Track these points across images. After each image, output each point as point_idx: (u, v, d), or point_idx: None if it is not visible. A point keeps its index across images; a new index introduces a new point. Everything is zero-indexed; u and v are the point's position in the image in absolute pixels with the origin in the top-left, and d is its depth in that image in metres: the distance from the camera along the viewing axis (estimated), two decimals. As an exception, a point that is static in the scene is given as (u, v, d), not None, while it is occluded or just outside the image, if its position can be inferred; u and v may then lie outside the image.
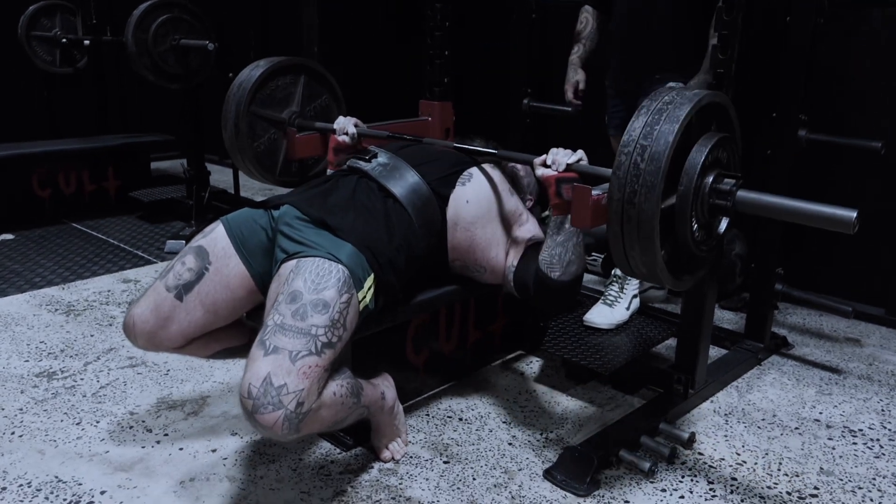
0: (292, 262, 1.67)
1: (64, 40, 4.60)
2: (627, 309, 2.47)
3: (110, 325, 2.71)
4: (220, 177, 4.78)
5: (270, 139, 2.50)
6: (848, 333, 2.80)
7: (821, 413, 2.19)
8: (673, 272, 1.53)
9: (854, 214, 1.35)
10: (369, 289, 1.71)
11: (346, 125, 2.26)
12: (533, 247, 1.96)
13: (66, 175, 4.12)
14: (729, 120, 1.60)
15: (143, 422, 2.07)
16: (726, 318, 2.89)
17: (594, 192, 1.62)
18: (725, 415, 2.16)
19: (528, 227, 2.04)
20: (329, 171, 2.27)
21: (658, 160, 1.38)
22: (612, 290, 2.50)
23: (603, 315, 2.43)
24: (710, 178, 1.49)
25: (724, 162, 1.55)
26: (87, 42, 4.51)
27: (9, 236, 3.79)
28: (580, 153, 1.80)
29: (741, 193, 1.48)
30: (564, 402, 2.22)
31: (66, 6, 4.67)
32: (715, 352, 2.52)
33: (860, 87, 2.82)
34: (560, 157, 1.78)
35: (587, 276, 3.25)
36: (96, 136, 4.58)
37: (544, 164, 1.80)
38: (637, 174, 1.40)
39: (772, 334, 2.60)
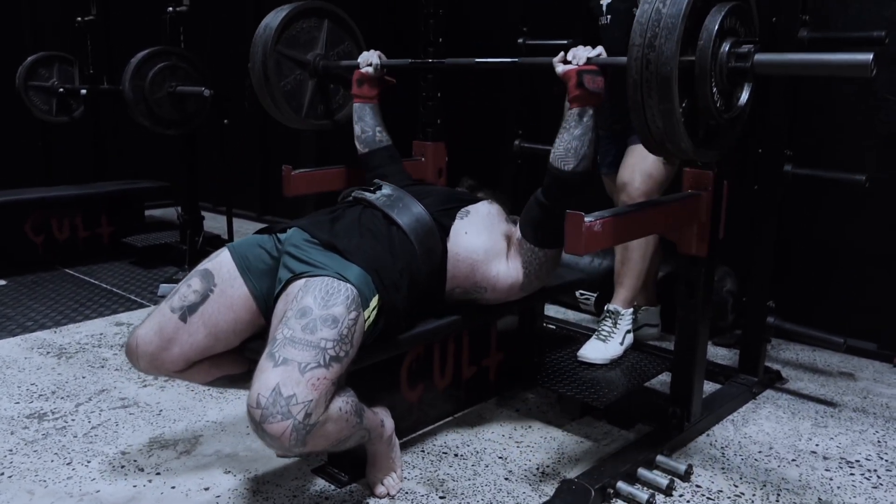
0: (301, 282, 1.69)
1: (61, 90, 4.67)
2: (621, 344, 2.47)
3: (102, 366, 2.69)
4: (213, 223, 4.80)
5: (296, 79, 2.55)
6: (841, 368, 2.80)
7: (817, 445, 2.18)
8: (691, 134, 1.53)
9: (870, 57, 1.37)
10: (374, 309, 1.73)
11: (369, 57, 2.38)
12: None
13: (59, 221, 4.13)
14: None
15: (135, 461, 2.05)
16: (720, 355, 2.89)
17: (587, 219, 1.64)
18: (722, 447, 2.15)
19: None
20: (355, 104, 2.41)
21: (679, 4, 1.43)
22: (605, 325, 2.51)
23: (597, 350, 2.43)
24: (729, 44, 1.52)
25: (742, 34, 1.57)
26: (83, 91, 4.58)
27: (1, 282, 3.78)
28: (599, 48, 1.86)
29: (759, 56, 1.51)
30: (560, 438, 2.20)
31: (64, 57, 4.76)
32: (710, 387, 2.52)
33: (845, 122, 2.89)
34: (580, 52, 1.85)
35: (580, 316, 3.29)
36: (90, 182, 4.60)
37: (564, 61, 1.86)
38: (658, 19, 1.44)
39: (766, 369, 2.60)
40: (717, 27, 1.49)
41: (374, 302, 1.73)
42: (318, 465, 1.99)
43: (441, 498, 1.87)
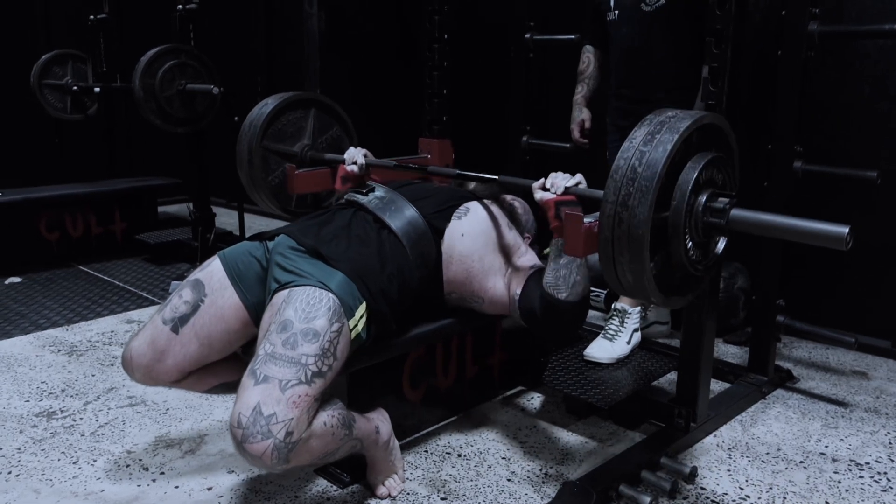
0: (284, 292, 1.68)
1: (75, 88, 4.71)
2: (628, 343, 2.45)
3: (112, 364, 2.72)
4: (227, 219, 4.82)
5: (284, 172, 2.54)
6: (854, 366, 2.76)
7: (826, 447, 2.15)
8: (662, 288, 1.52)
9: (846, 230, 1.35)
10: (361, 317, 1.71)
11: (355, 155, 2.30)
12: (536, 273, 1.96)
13: (73, 218, 4.17)
14: (727, 143, 1.60)
15: (140, 460, 2.06)
16: (731, 353, 2.86)
17: (586, 220, 1.62)
18: (729, 449, 2.13)
19: (528, 257, 2.04)
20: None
21: (655, 166, 1.39)
22: (612, 324, 2.49)
23: (603, 349, 2.41)
24: (704, 197, 1.49)
25: (720, 183, 1.55)
26: (97, 89, 4.61)
27: (16, 279, 3.82)
28: (579, 177, 1.82)
29: (735, 212, 1.48)
30: (565, 438, 2.19)
31: (78, 55, 4.79)
32: (719, 386, 2.50)
33: (858, 116, 2.83)
34: (559, 181, 1.80)
35: (589, 312, 3.26)
36: (103, 180, 4.64)
37: (543, 188, 1.82)
38: (633, 178, 1.41)
39: (776, 367, 2.57)
40: (691, 185, 1.46)
41: (361, 310, 1.71)
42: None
43: (443, 499, 1.86)
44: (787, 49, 2.30)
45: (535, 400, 2.43)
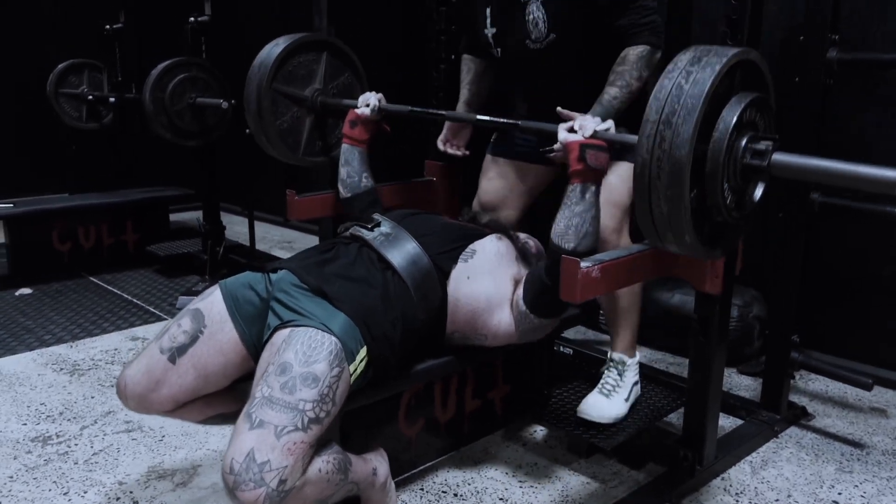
0: (285, 332, 1.64)
1: (90, 97, 4.72)
2: (626, 400, 2.23)
3: (112, 385, 2.69)
4: (241, 228, 4.79)
5: (293, 117, 2.49)
6: (874, 402, 2.65)
7: (839, 494, 2.06)
8: (697, 227, 1.45)
9: None
10: (361, 361, 1.67)
11: (368, 97, 2.29)
12: (529, 273, 1.91)
13: (85, 229, 4.17)
14: (767, 88, 1.55)
15: (131, 492, 2.03)
16: (744, 385, 2.77)
17: (583, 265, 1.55)
18: (736, 494, 2.04)
19: None
20: (343, 145, 2.32)
21: (703, 84, 1.35)
22: (609, 377, 2.25)
23: (599, 408, 2.18)
24: (746, 138, 1.43)
25: (761, 129, 1.49)
26: (112, 99, 4.62)
27: (27, 291, 3.83)
28: (609, 122, 1.76)
29: (777, 156, 1.41)
30: (566, 478, 2.12)
31: (94, 64, 4.81)
32: (730, 422, 2.41)
33: (880, 144, 2.72)
34: (588, 123, 1.74)
35: (602, 336, 3.18)
36: (116, 190, 4.63)
37: (570, 130, 1.76)
38: (679, 95, 1.36)
39: (790, 404, 2.48)
40: (734, 120, 1.39)
41: (362, 353, 1.66)
42: None
43: (435, 544, 1.81)
44: (805, 76, 2.21)
45: (537, 434, 2.36)
